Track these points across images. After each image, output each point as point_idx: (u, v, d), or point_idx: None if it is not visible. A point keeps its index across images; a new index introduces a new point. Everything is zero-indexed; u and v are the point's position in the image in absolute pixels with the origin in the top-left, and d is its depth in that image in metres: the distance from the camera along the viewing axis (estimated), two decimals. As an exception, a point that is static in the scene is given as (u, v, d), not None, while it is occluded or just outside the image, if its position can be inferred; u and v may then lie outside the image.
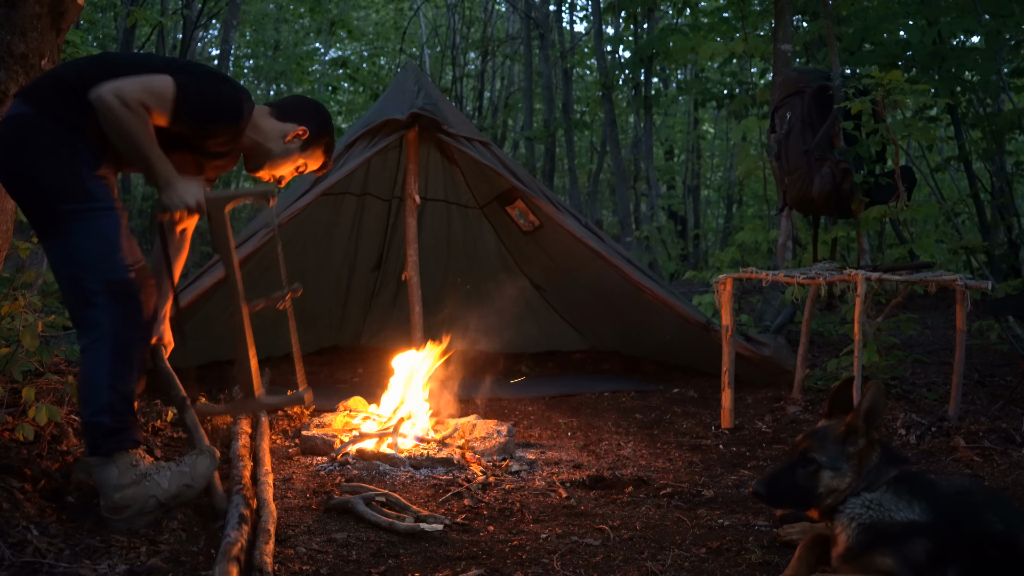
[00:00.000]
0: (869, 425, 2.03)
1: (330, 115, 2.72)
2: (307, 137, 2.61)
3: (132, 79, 2.19)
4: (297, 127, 2.58)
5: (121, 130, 2.19)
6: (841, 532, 1.97)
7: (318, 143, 2.65)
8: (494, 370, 4.81)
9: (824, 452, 2.04)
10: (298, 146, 2.61)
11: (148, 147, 2.23)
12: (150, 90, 2.21)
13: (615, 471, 3.07)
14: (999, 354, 5.34)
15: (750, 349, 4.34)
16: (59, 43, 2.30)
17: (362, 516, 2.40)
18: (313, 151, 2.65)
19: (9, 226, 2.22)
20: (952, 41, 6.92)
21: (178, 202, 2.28)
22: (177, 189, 2.28)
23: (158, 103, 2.22)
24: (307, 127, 2.60)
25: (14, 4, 2.19)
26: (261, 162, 2.60)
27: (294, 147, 2.60)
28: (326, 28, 15.90)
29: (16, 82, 2.22)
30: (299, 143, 2.60)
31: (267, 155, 2.58)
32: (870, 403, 2.02)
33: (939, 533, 1.89)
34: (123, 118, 2.17)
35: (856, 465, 2.02)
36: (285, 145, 2.58)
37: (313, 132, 2.62)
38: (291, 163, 2.64)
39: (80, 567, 1.94)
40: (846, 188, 4.45)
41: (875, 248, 6.27)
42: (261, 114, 2.56)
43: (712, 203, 18.61)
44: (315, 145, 2.64)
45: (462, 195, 5.38)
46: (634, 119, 14.00)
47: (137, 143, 2.21)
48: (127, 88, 2.17)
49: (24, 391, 2.56)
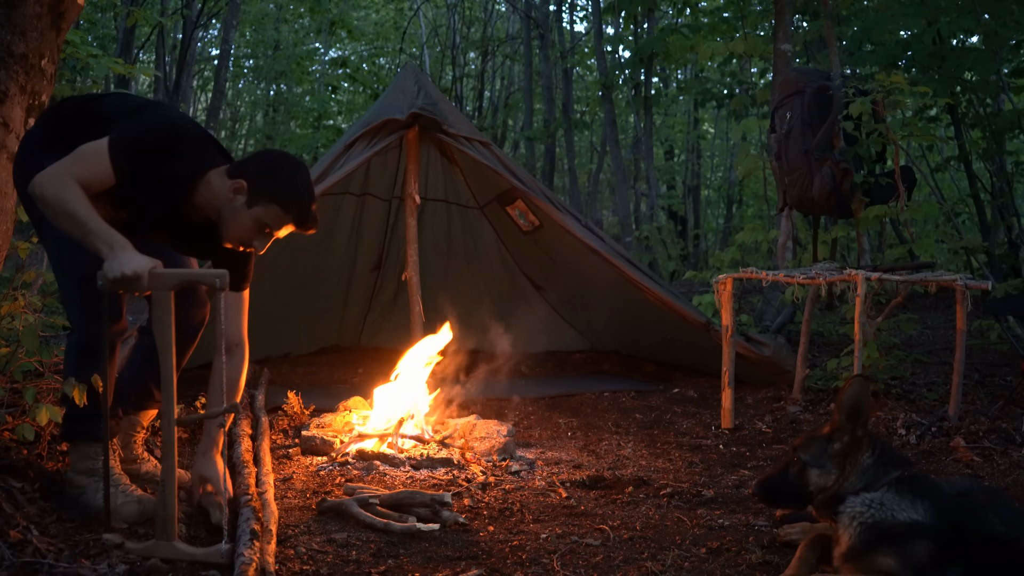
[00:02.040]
0: (853, 422, 2.03)
1: (295, 168, 2.35)
2: (248, 190, 2.26)
3: (62, 162, 2.14)
4: (238, 180, 2.26)
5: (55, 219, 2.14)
6: (843, 531, 1.97)
7: (264, 197, 2.25)
8: (494, 370, 4.81)
9: (809, 451, 2.08)
10: (242, 203, 2.26)
11: (84, 222, 2.08)
12: (79, 163, 2.14)
13: (615, 471, 3.07)
14: (999, 354, 5.34)
15: (750, 349, 4.34)
16: (59, 43, 2.30)
17: (357, 518, 2.39)
18: (266, 208, 2.26)
19: (9, 226, 2.22)
20: (952, 41, 6.92)
21: (115, 268, 2.02)
22: (118, 256, 2.04)
23: (90, 173, 2.14)
24: (246, 179, 2.26)
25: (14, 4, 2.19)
26: (221, 227, 2.32)
27: (239, 204, 2.27)
28: (326, 28, 15.91)
29: (16, 82, 2.22)
30: (242, 199, 2.26)
31: (219, 217, 2.30)
32: (852, 400, 2.03)
33: (941, 534, 1.89)
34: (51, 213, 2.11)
35: (840, 462, 2.03)
36: (231, 203, 2.27)
37: (255, 185, 2.26)
38: (246, 225, 2.29)
39: (80, 567, 1.94)
40: (846, 188, 4.45)
41: (875, 248, 6.27)
42: (217, 173, 2.31)
43: (712, 203, 18.61)
44: (263, 201, 2.26)
45: (462, 195, 5.38)
46: (634, 119, 14.00)
47: (71, 225, 2.11)
48: (51, 178, 2.11)
49: (24, 392, 2.56)
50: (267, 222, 2.29)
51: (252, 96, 19.82)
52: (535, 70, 14.16)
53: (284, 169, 2.33)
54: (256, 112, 20.11)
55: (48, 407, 2.45)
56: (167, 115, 2.37)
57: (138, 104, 2.43)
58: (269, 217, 2.28)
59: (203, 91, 18.37)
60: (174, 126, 2.30)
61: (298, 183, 2.33)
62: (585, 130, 15.58)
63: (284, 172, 2.32)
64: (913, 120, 4.56)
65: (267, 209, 2.27)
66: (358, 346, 5.75)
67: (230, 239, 2.33)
